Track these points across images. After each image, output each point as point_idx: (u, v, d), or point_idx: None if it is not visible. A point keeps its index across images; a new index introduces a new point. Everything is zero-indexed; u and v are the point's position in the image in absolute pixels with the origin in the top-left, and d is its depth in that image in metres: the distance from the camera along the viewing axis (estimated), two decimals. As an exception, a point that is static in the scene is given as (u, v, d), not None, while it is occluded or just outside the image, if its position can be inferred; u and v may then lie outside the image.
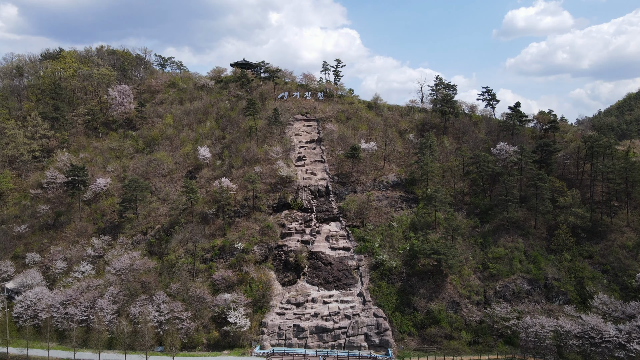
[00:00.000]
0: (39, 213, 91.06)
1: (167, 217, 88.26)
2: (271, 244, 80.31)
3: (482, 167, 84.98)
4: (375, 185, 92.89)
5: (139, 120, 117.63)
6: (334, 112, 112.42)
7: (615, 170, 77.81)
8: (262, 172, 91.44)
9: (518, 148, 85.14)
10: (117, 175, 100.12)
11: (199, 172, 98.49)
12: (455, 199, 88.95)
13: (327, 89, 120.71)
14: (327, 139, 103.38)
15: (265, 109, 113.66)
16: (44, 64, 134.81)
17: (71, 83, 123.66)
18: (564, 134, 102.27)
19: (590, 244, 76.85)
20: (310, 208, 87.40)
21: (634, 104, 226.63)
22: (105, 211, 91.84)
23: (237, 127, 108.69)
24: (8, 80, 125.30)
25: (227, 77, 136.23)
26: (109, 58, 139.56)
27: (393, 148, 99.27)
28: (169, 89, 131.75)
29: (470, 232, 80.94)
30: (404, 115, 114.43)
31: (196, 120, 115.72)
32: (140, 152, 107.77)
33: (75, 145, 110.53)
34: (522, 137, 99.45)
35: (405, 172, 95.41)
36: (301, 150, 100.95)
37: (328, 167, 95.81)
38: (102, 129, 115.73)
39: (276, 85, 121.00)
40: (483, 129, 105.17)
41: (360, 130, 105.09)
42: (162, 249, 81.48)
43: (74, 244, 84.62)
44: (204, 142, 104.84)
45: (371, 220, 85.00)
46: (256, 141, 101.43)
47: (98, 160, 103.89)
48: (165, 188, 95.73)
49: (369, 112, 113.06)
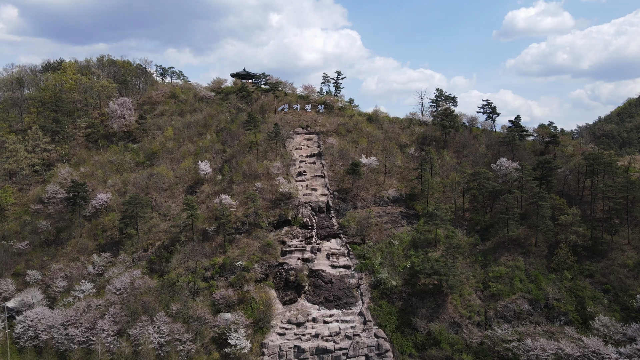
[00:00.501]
0: (40, 229, 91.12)
1: (167, 233, 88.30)
2: (272, 261, 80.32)
3: (483, 184, 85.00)
4: (375, 200, 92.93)
5: (139, 132, 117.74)
6: (335, 125, 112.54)
7: (615, 189, 77.81)
8: (262, 188, 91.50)
9: (518, 165, 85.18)
10: (117, 190, 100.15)
11: (199, 186, 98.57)
12: (456, 215, 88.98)
13: (328, 101, 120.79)
14: (328, 153, 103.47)
15: (265, 122, 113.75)
16: (44, 76, 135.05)
17: (72, 95, 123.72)
18: (564, 147, 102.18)
19: (591, 262, 76.85)
20: (311, 225, 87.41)
21: (634, 111, 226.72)
22: (106, 227, 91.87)
23: (237, 141, 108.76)
24: (9, 93, 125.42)
25: (227, 88, 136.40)
26: (110, 69, 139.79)
27: (393, 163, 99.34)
28: (170, 100, 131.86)
29: (471, 249, 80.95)
30: (405, 128, 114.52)
31: (197, 132, 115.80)
32: (140, 166, 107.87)
33: (76, 159, 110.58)
34: (523, 151, 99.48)
35: (406, 187, 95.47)
36: (301, 164, 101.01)
37: (329, 182, 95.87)
38: (102, 141, 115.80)
39: (276, 98, 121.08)
40: (483, 143, 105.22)
41: (360, 144, 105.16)
42: (162, 266, 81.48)
43: (74, 261, 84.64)
44: (205, 156, 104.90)
45: (372, 237, 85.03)
46: (257, 156, 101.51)
47: (99, 175, 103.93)
48: (166, 203, 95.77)
49: (369, 126, 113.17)
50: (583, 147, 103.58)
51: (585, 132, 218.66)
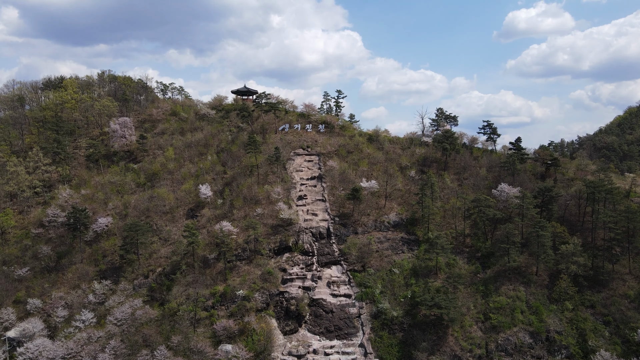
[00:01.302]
0: (41, 254, 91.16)
1: (168, 259, 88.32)
2: (272, 290, 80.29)
3: (483, 211, 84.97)
4: (376, 225, 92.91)
5: (140, 152, 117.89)
6: (335, 146, 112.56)
7: (616, 218, 77.76)
8: (263, 214, 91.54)
9: (519, 192, 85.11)
10: (118, 213, 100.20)
11: (200, 210, 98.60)
12: (457, 241, 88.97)
13: (328, 121, 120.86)
14: (328, 175, 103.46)
15: (266, 142, 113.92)
16: (45, 93, 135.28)
17: (72, 115, 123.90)
18: (565, 170, 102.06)
19: (592, 292, 76.79)
20: (312, 251, 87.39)
21: (635, 122, 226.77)
22: (106, 252, 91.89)
23: (238, 162, 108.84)
24: (10, 112, 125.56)
25: (228, 105, 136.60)
26: (110, 85, 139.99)
27: (394, 186, 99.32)
28: (170, 118, 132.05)
29: (472, 278, 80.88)
30: (405, 149, 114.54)
31: (197, 153, 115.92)
32: (141, 187, 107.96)
33: (76, 180, 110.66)
34: (524, 174, 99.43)
35: (407, 212, 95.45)
36: (302, 187, 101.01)
37: (329, 206, 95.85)
38: (103, 161, 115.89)
39: (277, 118, 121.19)
40: (484, 166, 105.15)
41: (361, 167, 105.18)
42: (163, 294, 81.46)
43: (75, 288, 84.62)
44: (205, 178, 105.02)
45: (372, 264, 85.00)
46: (257, 179, 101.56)
47: (99, 197, 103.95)
48: (167, 227, 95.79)
49: (370, 147, 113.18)
50: (584, 171, 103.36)
51: (586, 143, 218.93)
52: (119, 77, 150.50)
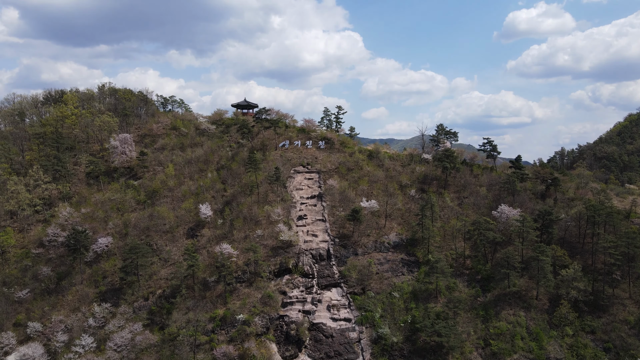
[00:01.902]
0: (41, 275, 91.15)
1: (168, 280, 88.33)
2: (272, 314, 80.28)
3: (483, 234, 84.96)
4: (376, 246, 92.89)
5: (140, 169, 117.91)
6: (335, 164, 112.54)
7: (616, 244, 77.73)
8: (263, 235, 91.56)
9: (520, 216, 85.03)
10: (118, 231, 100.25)
11: (200, 229, 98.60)
12: (457, 263, 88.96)
13: (328, 137, 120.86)
14: (328, 194, 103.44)
15: (266, 160, 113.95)
16: (45, 108, 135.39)
17: (73, 131, 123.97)
18: (565, 190, 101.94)
19: (592, 317, 76.74)
20: (312, 273, 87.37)
21: (635, 130, 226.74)
22: (106, 272, 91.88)
23: (238, 180, 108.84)
24: (10, 127, 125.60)
25: (228, 120, 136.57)
26: (110, 100, 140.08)
27: (394, 206, 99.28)
28: (170, 133, 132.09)
29: (472, 302, 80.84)
30: (405, 166, 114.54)
31: (197, 169, 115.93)
32: (141, 204, 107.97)
33: (77, 198, 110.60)
34: (524, 193, 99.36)
35: (407, 232, 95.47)
36: (302, 207, 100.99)
37: (329, 226, 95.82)
38: (103, 178, 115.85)
39: (277, 134, 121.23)
40: (484, 185, 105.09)
41: (361, 185, 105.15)
42: (163, 318, 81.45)
43: (75, 311, 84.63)
44: (205, 196, 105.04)
45: (372, 287, 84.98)
46: (257, 198, 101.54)
47: (99, 215, 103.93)
48: (167, 247, 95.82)
49: (370, 164, 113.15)
50: (584, 189, 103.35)
51: (586, 152, 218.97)
52: (119, 90, 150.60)
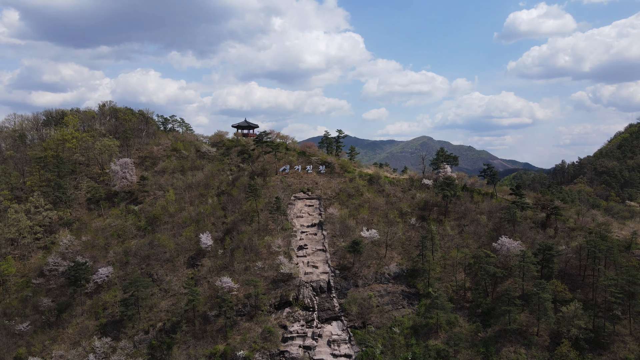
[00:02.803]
0: (41, 306, 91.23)
1: (169, 312, 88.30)
2: (273, 350, 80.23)
3: (484, 268, 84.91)
4: (376, 277, 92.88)
5: (141, 193, 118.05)
6: (336, 190, 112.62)
7: (616, 281, 77.63)
8: (263, 267, 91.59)
9: (520, 251, 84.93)
10: (118, 259, 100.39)
11: (200, 258, 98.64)
12: (457, 295, 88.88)
13: (329, 161, 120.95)
14: (329, 222, 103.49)
15: (266, 185, 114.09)
16: (46, 130, 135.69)
17: (73, 156, 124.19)
18: (566, 219, 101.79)
19: (593, 354, 76.41)
20: (312, 306, 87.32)
21: (635, 144, 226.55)
22: (107, 304, 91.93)
23: (238, 207, 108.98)
24: (10, 152, 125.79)
25: (228, 142, 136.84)
26: (111, 122, 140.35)
27: (394, 235, 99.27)
28: (171, 155, 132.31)
29: (472, 338, 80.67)
30: (406, 191, 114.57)
31: (198, 194, 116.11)
32: (142, 231, 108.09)
33: (77, 224, 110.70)
34: (524, 224, 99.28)
35: (407, 261, 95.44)
36: (302, 235, 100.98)
37: (330, 257, 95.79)
38: (104, 203, 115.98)
39: (277, 159, 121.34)
40: (485, 212, 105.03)
41: (361, 213, 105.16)
42: (163, 353, 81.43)
43: (75, 345, 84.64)
44: (206, 224, 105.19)
45: (373, 320, 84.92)
46: (258, 227, 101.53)
47: (100, 243, 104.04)
48: (167, 277, 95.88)
49: (370, 190, 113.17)
50: (585, 217, 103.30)
51: (587, 167, 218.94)
52: (120, 109, 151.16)
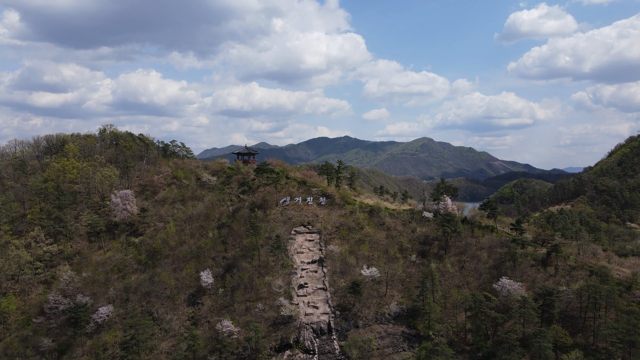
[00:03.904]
0: (42, 347, 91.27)
1: (169, 355, 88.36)
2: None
3: (484, 312, 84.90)
4: (377, 317, 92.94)
5: (141, 225, 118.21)
6: (336, 223, 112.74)
7: (617, 329, 77.64)
8: (264, 309, 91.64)
9: (520, 296, 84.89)
10: (119, 296, 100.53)
11: (201, 296, 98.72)
12: (458, 337, 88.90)
13: (329, 193, 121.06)
14: (329, 258, 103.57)
15: (267, 219, 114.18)
16: (47, 159, 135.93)
17: (74, 187, 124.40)
18: (566, 256, 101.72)
19: (593, 403, 76.57)
20: (313, 349, 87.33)
21: (636, 162, 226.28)
22: (107, 345, 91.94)
23: (239, 241, 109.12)
24: (11, 182, 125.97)
25: (229, 170, 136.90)
26: (111, 150, 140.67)
27: (395, 273, 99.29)
28: (172, 183, 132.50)
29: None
30: (406, 224, 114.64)
31: (198, 227, 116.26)
32: (142, 264, 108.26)
33: (77, 258, 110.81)
34: (524, 262, 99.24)
35: (408, 300, 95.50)
36: (303, 273, 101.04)
37: (330, 296, 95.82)
38: (104, 235, 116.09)
39: (278, 191, 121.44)
40: (485, 247, 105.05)
41: (362, 250, 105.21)
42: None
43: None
44: (206, 259, 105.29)
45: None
46: (258, 265, 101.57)
47: (100, 279, 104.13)
48: (168, 316, 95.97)
49: (370, 224, 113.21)
50: (585, 254, 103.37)
51: (587, 185, 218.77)
52: (120, 134, 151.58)
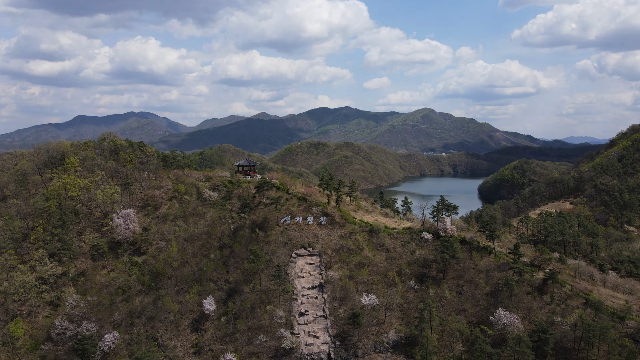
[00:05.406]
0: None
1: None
2: None
3: (480, 348, 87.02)
4: (376, 346, 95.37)
5: (144, 244, 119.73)
6: (336, 245, 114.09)
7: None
8: (266, 340, 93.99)
9: (515, 335, 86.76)
10: (123, 320, 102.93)
11: (204, 322, 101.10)
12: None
13: (329, 213, 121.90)
14: (329, 283, 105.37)
15: (267, 240, 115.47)
16: (47, 173, 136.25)
17: (76, 206, 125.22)
18: (563, 283, 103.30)
19: None
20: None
21: (636, 158, 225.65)
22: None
23: (240, 263, 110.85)
24: (13, 200, 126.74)
25: (229, 185, 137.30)
26: (111, 164, 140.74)
27: (393, 300, 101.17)
28: (173, 198, 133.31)
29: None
30: (405, 244, 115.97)
31: (200, 246, 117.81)
32: (145, 286, 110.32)
33: (82, 280, 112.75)
34: (521, 290, 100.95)
35: (406, 328, 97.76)
36: (304, 299, 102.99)
37: (330, 324, 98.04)
38: (107, 255, 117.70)
39: (278, 211, 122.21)
40: (483, 271, 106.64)
41: (361, 275, 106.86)
42: None
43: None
44: (209, 285, 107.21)
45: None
46: (260, 290, 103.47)
47: (105, 302, 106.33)
48: (172, 342, 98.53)
49: (370, 246, 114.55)
50: (581, 279, 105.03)
51: (587, 183, 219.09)
52: (120, 143, 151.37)
